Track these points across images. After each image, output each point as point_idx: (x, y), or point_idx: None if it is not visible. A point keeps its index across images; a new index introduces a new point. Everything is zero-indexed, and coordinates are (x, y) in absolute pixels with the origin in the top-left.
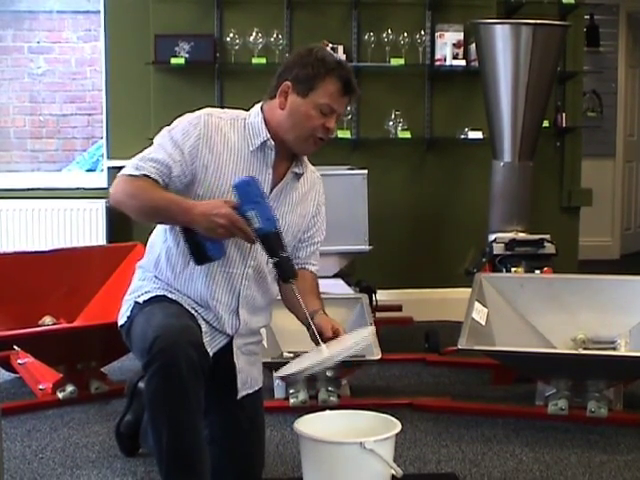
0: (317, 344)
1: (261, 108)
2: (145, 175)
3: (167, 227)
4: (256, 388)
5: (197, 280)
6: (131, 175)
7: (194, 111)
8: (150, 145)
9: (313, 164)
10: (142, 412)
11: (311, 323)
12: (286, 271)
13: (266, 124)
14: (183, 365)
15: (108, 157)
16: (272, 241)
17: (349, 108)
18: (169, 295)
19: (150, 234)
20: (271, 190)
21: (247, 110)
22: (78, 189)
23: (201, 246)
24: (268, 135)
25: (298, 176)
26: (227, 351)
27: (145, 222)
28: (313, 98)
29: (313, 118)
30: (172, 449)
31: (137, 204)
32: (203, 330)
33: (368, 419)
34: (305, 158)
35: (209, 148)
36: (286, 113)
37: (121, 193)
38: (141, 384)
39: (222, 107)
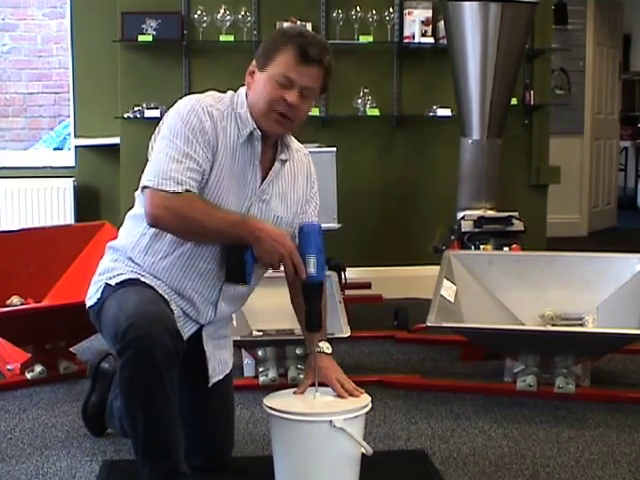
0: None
1: (246, 96)
2: (187, 190)
3: None
4: (227, 372)
5: (178, 270)
6: (175, 192)
7: (165, 91)
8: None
9: None
10: (106, 393)
11: (311, 360)
12: (313, 321)
13: (250, 113)
14: (158, 352)
15: (75, 135)
16: (315, 290)
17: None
18: (142, 279)
19: (123, 214)
20: (261, 183)
21: (223, 91)
22: (45, 168)
23: (242, 266)
24: (254, 125)
25: (284, 162)
26: (197, 336)
27: (191, 240)
28: (269, 70)
29: (269, 90)
30: (148, 435)
31: (197, 229)
32: (175, 315)
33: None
34: (290, 137)
35: (216, 145)
36: (251, 91)
37: (173, 217)
38: (103, 364)
39: (190, 84)
